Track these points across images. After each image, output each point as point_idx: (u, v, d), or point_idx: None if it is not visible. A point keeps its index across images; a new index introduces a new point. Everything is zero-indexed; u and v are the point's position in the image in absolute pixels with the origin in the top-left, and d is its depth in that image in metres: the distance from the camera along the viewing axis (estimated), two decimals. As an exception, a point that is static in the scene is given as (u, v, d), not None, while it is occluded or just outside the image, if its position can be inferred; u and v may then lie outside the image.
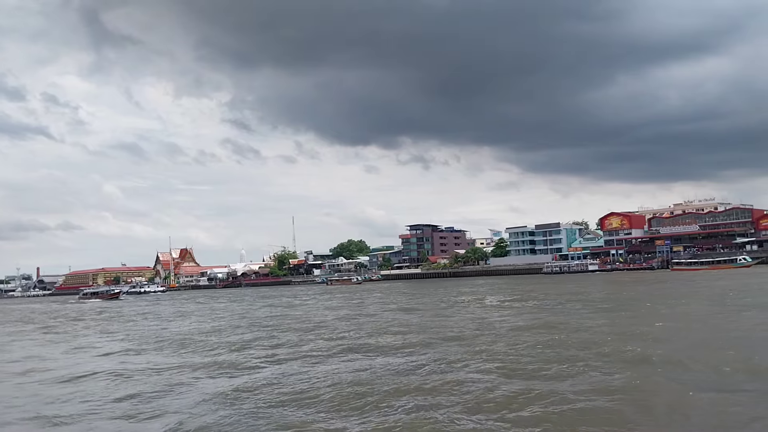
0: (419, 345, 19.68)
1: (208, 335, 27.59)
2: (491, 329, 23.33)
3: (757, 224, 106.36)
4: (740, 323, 21.35)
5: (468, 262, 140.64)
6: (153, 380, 15.96)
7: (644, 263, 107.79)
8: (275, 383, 14.39)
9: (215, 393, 13.65)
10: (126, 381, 16.08)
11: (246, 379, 15.34)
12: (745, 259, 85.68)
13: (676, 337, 18.62)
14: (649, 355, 15.34)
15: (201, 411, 12.03)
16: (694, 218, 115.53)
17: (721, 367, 13.41)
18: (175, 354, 21.51)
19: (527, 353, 16.73)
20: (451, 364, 15.65)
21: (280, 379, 14.86)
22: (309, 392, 13.14)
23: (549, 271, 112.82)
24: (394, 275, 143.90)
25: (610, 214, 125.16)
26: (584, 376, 13.27)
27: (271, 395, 13.08)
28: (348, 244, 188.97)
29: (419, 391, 12.51)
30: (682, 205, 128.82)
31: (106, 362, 20.36)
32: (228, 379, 15.63)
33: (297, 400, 12.50)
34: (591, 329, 21.63)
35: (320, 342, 22.33)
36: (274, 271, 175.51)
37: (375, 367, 15.79)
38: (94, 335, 31.93)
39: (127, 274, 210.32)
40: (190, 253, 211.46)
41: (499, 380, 13.25)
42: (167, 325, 35.95)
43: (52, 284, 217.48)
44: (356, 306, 45.04)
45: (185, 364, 18.59)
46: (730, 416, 9.91)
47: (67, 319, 49.04)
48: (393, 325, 27.13)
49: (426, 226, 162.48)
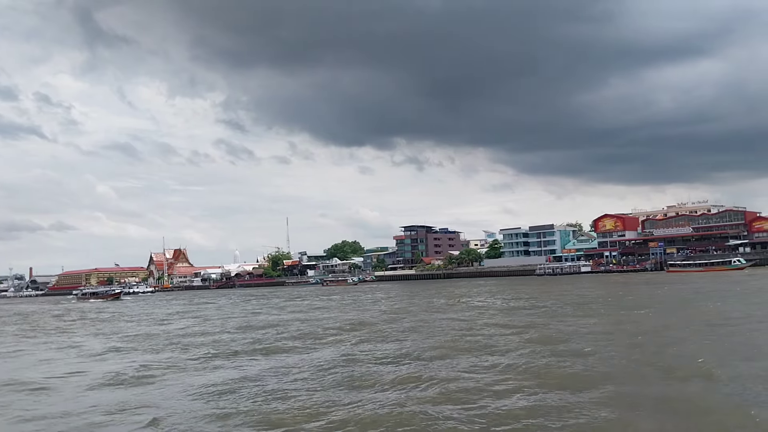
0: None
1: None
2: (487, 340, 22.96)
3: (749, 226, 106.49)
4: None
5: (462, 263, 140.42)
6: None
7: (637, 265, 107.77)
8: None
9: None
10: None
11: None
12: (739, 261, 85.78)
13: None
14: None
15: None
16: (688, 220, 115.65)
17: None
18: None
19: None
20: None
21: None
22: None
23: (542, 272, 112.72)
24: (388, 276, 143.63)
25: (603, 216, 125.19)
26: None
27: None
28: (342, 245, 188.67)
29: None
30: (675, 207, 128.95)
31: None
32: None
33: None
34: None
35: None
36: (268, 272, 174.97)
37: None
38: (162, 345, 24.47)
39: (120, 274, 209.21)
40: (183, 253, 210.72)
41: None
42: (221, 337, 26.59)
43: (45, 284, 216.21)
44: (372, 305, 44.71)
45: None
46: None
47: (93, 322, 43.29)
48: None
49: (420, 228, 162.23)
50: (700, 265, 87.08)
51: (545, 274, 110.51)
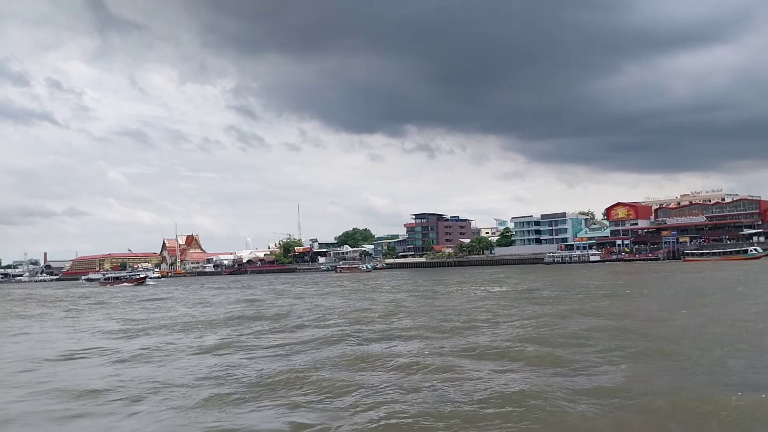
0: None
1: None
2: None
3: (764, 215, 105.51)
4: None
5: (473, 251, 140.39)
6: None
7: (650, 254, 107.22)
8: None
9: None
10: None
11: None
12: (756, 249, 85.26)
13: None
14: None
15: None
16: (701, 209, 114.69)
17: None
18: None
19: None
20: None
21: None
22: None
23: (550, 261, 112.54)
24: (398, 264, 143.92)
25: (616, 205, 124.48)
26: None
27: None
28: (353, 232, 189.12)
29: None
30: (688, 196, 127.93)
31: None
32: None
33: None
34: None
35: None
36: (279, 259, 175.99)
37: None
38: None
39: (133, 260, 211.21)
40: (196, 239, 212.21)
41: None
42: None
43: (59, 269, 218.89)
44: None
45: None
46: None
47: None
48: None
49: (431, 215, 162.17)
50: (716, 254, 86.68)
51: (554, 263, 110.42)
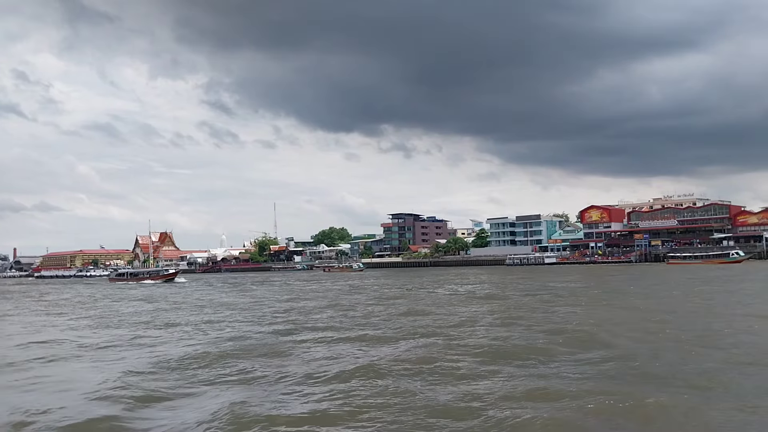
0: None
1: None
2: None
3: (734, 220, 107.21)
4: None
5: (449, 251, 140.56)
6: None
7: (622, 256, 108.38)
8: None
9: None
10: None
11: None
12: (737, 253, 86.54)
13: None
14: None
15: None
16: (673, 213, 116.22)
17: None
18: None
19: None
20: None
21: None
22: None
23: (511, 263, 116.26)
24: (375, 264, 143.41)
25: (590, 207, 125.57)
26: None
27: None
28: (330, 231, 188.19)
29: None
30: (661, 200, 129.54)
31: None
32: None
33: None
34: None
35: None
36: (254, 257, 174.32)
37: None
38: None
39: (105, 256, 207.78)
40: (169, 236, 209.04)
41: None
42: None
43: (29, 265, 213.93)
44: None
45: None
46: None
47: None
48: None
49: (408, 216, 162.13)
50: (698, 257, 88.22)
51: (513, 264, 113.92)
